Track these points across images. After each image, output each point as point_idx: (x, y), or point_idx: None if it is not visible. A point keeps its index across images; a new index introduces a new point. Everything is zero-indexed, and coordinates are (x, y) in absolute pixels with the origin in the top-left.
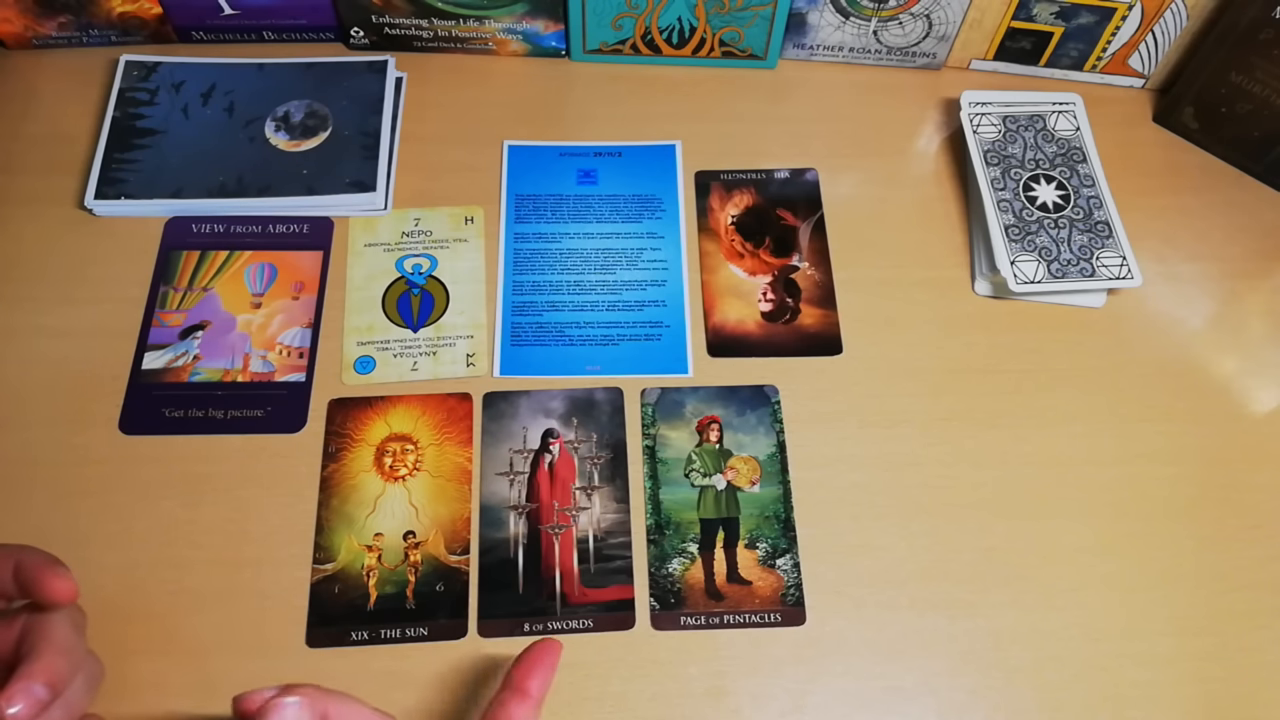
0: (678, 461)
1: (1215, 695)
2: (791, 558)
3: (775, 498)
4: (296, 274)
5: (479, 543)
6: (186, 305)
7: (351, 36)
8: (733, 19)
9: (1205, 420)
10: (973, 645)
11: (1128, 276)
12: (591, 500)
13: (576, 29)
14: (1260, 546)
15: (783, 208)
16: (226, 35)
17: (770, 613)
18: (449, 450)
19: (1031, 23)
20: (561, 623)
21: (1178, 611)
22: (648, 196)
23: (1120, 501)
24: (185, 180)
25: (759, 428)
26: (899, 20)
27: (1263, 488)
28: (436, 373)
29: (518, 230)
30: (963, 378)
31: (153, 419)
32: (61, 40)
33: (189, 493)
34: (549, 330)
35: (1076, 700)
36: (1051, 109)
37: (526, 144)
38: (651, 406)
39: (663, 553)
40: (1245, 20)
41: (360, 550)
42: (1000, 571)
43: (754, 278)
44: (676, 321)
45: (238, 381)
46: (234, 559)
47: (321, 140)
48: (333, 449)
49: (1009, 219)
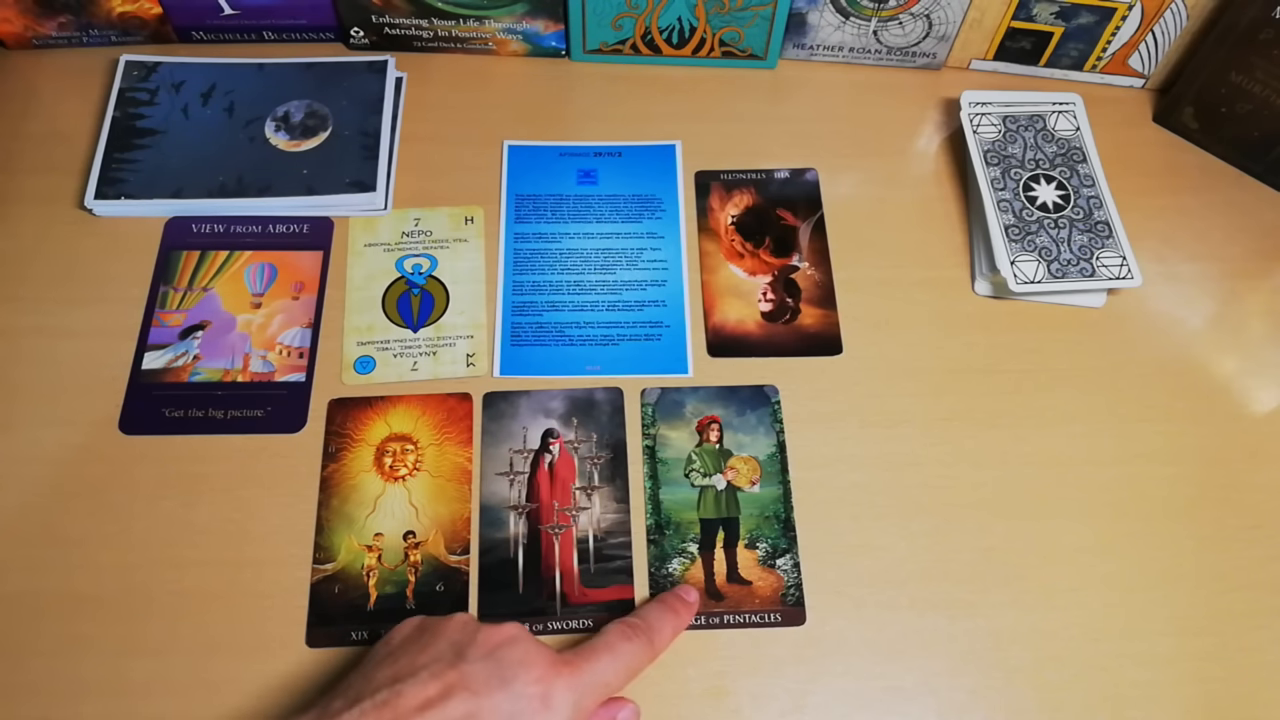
0: (678, 461)
1: (1215, 695)
2: (791, 558)
3: (775, 498)
4: (296, 274)
5: (479, 543)
6: (186, 305)
7: (351, 36)
8: (733, 19)
9: (1205, 420)
10: (973, 645)
11: (1128, 276)
12: (591, 500)
13: (576, 29)
14: (1260, 546)
15: (783, 208)
16: (226, 35)
17: (770, 613)
18: (449, 450)
19: (1031, 23)
20: (561, 623)
21: (1178, 611)
22: (648, 196)
23: (1120, 501)
24: (185, 180)
25: (759, 428)
26: (899, 20)
27: (1263, 488)
28: (436, 373)
29: (518, 230)
30: (963, 378)
31: (153, 419)
32: (61, 40)
33: (189, 493)
34: (549, 330)
35: (1076, 700)
36: (1051, 109)
37: (526, 144)
38: (651, 406)
39: (663, 553)
40: (1245, 20)
41: (360, 550)
42: (1000, 571)
43: (754, 278)
44: (676, 321)
45: (238, 381)
46: (234, 559)
47: (321, 140)
48: (333, 449)
49: (1009, 219)
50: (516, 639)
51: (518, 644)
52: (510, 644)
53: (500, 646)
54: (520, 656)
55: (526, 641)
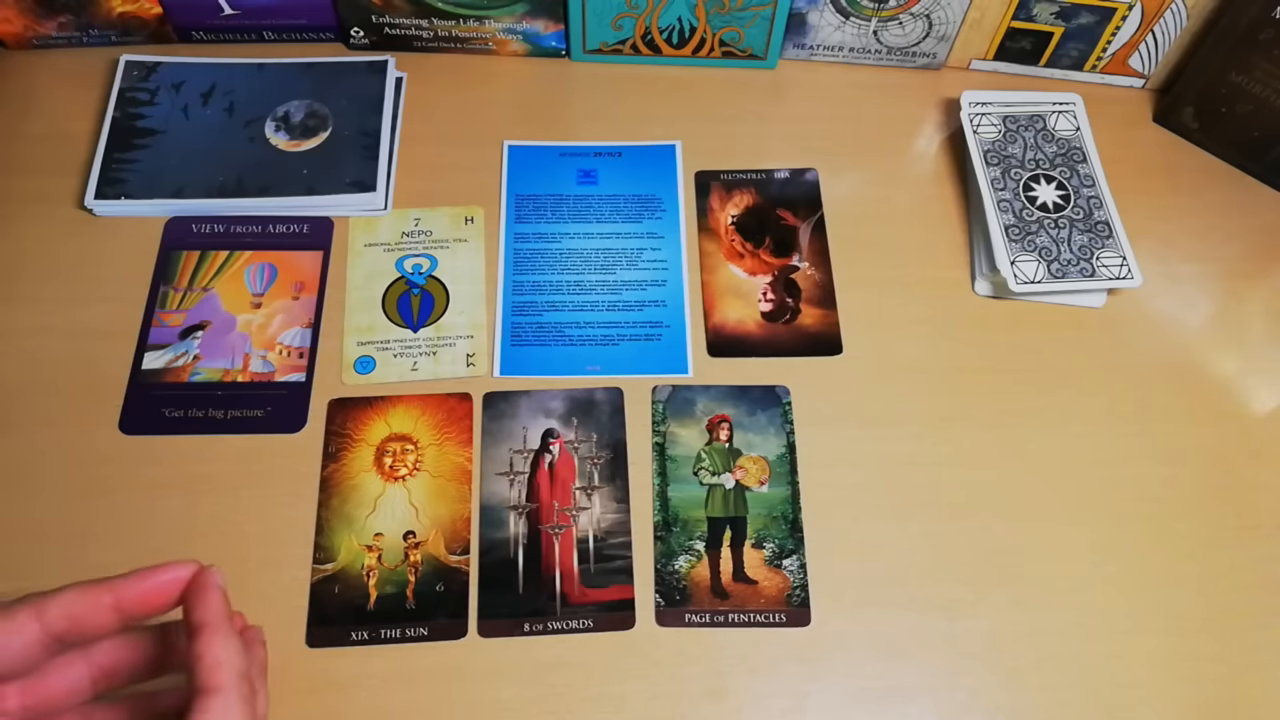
0: (687, 459)
1: (1215, 695)
2: (798, 558)
3: (783, 498)
4: (296, 274)
5: (479, 543)
6: (186, 305)
7: (351, 36)
8: (733, 19)
9: (1205, 420)
10: (973, 645)
11: (1128, 276)
12: (591, 500)
13: (576, 29)
14: (1260, 546)
15: (783, 208)
16: (226, 35)
17: (775, 613)
18: (449, 450)
19: (1031, 23)
20: (561, 623)
21: (1178, 611)
22: (648, 196)
23: (1120, 501)
24: (185, 180)
25: (769, 428)
26: (899, 20)
27: (1263, 488)
28: (436, 373)
29: (518, 230)
30: (963, 378)
31: (153, 419)
32: (61, 40)
33: (189, 493)
34: (549, 330)
35: (1076, 700)
36: (1051, 109)
37: (526, 144)
38: (662, 404)
39: (669, 550)
40: (1245, 20)
41: (360, 550)
42: (1000, 571)
43: (754, 278)
44: (676, 321)
45: (238, 381)
46: (234, 559)
47: (321, 140)
48: (333, 449)
49: (1009, 219)
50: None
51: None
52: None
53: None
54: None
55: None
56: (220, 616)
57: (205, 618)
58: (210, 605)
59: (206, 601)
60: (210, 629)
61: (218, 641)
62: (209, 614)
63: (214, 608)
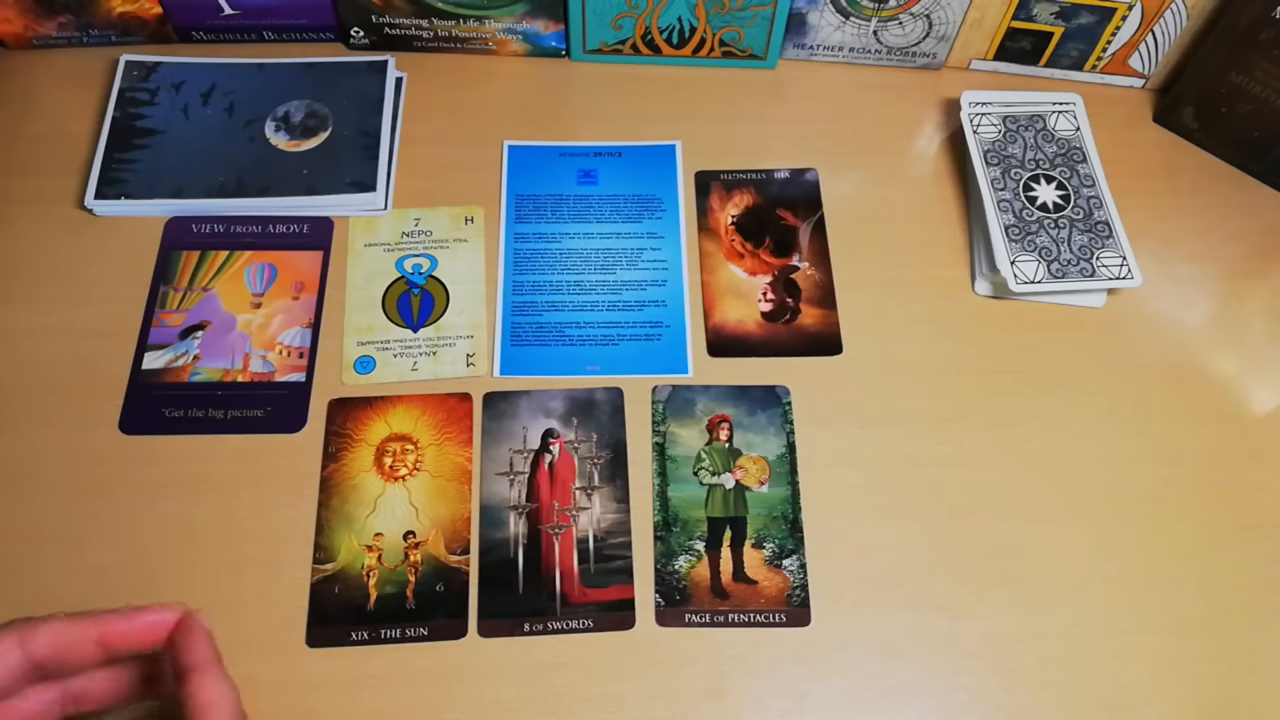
0: (687, 459)
1: (1215, 695)
2: (798, 558)
3: (783, 498)
4: (296, 274)
5: (479, 543)
6: (186, 305)
7: (351, 36)
8: (733, 19)
9: (1205, 420)
10: (973, 645)
11: (1128, 276)
12: (591, 500)
13: (576, 29)
14: (1260, 546)
15: (783, 208)
16: (226, 35)
17: (775, 613)
18: (449, 450)
19: (1031, 23)
20: (561, 623)
21: (1178, 611)
22: (648, 196)
23: (1120, 501)
24: (185, 180)
25: (769, 428)
26: (899, 20)
27: (1263, 488)
28: (436, 373)
29: (518, 230)
30: (963, 378)
31: (153, 419)
32: (61, 40)
33: (189, 493)
34: (549, 330)
35: (1076, 700)
36: (1051, 109)
37: (526, 144)
38: (663, 404)
39: (669, 549)
40: (1245, 20)
41: (360, 550)
42: (1000, 571)
43: (754, 278)
44: (676, 321)
45: (238, 381)
46: (234, 559)
47: (321, 140)
48: (333, 449)
49: (1009, 219)
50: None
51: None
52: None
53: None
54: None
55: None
56: (209, 658)
57: (195, 660)
58: (199, 647)
59: (194, 643)
60: (201, 670)
61: (209, 682)
62: (198, 656)
63: (202, 649)
